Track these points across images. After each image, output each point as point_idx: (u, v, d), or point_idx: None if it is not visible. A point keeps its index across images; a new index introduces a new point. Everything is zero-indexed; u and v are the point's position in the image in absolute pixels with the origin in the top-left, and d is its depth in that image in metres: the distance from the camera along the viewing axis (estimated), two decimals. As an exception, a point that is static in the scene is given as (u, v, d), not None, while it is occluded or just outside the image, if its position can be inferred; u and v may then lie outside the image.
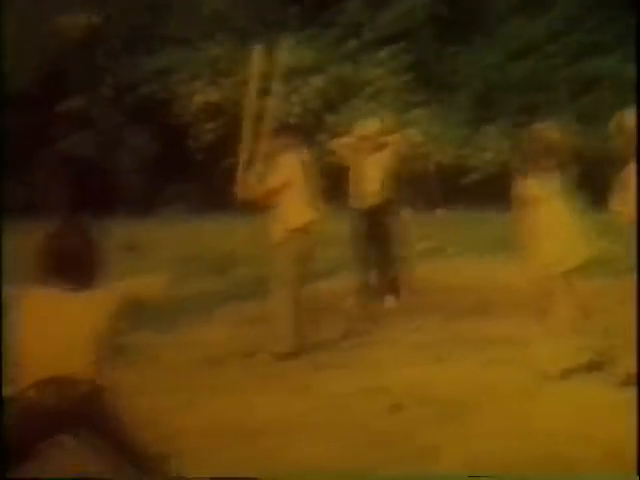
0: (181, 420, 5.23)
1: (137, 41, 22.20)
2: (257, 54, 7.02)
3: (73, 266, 3.66)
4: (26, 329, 3.61)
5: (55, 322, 3.61)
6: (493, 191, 16.65)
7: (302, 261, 6.73)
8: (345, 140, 9.06)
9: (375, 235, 8.75)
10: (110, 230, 17.78)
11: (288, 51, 8.18)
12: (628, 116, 5.58)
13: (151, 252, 13.80)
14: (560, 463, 4.15)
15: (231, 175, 7.06)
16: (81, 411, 3.61)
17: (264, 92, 6.87)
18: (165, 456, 3.72)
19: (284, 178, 6.71)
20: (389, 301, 8.68)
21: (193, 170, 20.03)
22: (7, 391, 3.67)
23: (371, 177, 8.70)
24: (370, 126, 9.00)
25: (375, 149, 8.76)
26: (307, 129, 20.14)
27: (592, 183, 7.78)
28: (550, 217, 5.74)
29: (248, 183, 6.79)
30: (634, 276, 5.35)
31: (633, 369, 5.33)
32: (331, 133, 16.87)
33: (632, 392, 4.99)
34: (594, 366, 5.68)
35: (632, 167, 5.46)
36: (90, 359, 3.62)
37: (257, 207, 7.02)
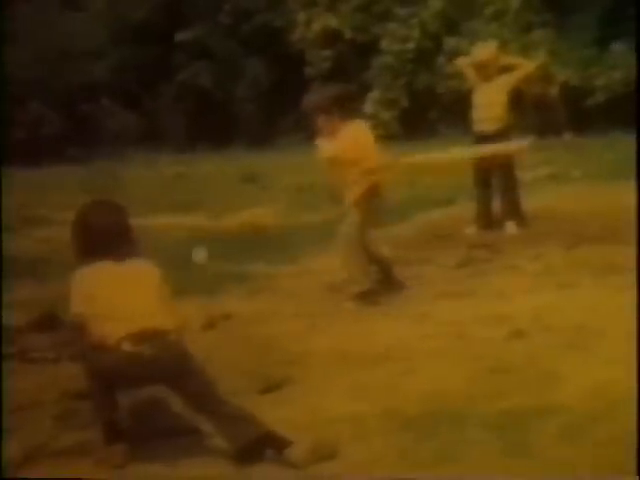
0: (303, 345, 5.30)
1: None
2: None
3: (113, 240, 3.87)
4: (96, 298, 3.76)
5: (122, 287, 3.80)
6: (620, 113, 16.10)
7: (368, 222, 6.45)
8: (469, 60, 8.83)
9: (497, 161, 8.60)
10: (230, 161, 18.02)
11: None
12: None
13: (270, 183, 13.94)
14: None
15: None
16: (173, 358, 3.75)
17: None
18: (249, 413, 3.78)
19: (338, 152, 6.34)
20: (510, 228, 8.55)
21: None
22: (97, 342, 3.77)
23: (494, 101, 8.51)
24: (489, 49, 8.79)
25: (498, 72, 8.56)
26: (426, 53, 19.84)
27: None
28: None
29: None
30: None
31: None
32: (450, 56, 16.56)
33: None
34: None
35: None
36: (165, 313, 3.82)
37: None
